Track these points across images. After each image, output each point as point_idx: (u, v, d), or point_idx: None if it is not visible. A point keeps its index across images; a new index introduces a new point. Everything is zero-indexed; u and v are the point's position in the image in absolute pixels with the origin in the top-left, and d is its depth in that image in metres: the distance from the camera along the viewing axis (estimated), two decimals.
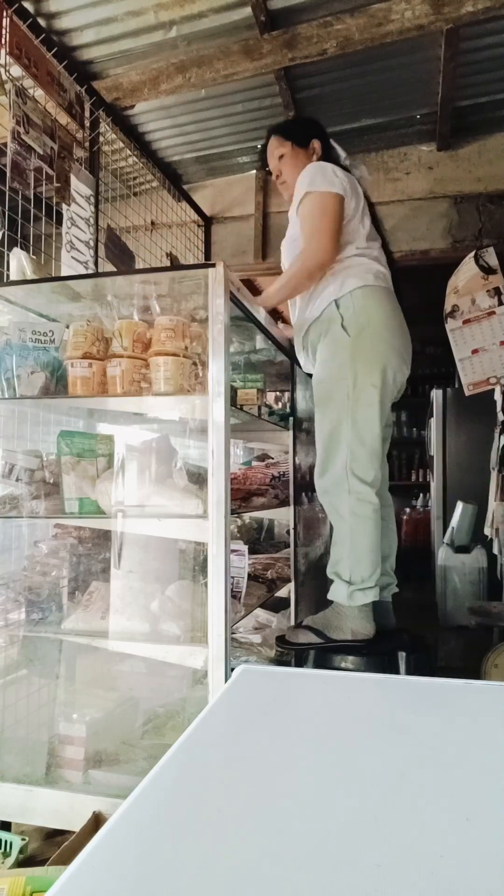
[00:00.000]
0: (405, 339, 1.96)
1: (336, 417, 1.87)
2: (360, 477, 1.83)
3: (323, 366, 1.94)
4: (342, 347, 1.87)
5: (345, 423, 1.85)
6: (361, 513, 1.83)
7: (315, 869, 0.59)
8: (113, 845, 0.63)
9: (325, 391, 1.91)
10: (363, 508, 1.83)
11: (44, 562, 1.94)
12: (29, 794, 1.67)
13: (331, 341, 1.90)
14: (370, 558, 1.83)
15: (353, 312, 1.87)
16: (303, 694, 1.07)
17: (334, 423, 1.88)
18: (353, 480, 1.83)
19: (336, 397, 1.87)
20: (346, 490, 1.84)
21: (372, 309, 1.87)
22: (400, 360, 1.91)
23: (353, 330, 1.86)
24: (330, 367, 1.90)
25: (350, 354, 1.85)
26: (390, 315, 1.91)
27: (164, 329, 1.67)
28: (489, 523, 3.32)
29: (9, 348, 1.75)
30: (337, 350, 1.88)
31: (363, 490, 1.83)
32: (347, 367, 1.85)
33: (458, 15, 2.48)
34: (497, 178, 3.64)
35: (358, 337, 1.86)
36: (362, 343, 1.86)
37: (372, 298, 1.88)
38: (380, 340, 1.86)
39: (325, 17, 2.59)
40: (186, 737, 0.86)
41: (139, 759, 1.75)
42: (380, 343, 1.86)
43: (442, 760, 0.81)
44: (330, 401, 1.89)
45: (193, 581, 1.78)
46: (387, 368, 1.87)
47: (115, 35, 2.64)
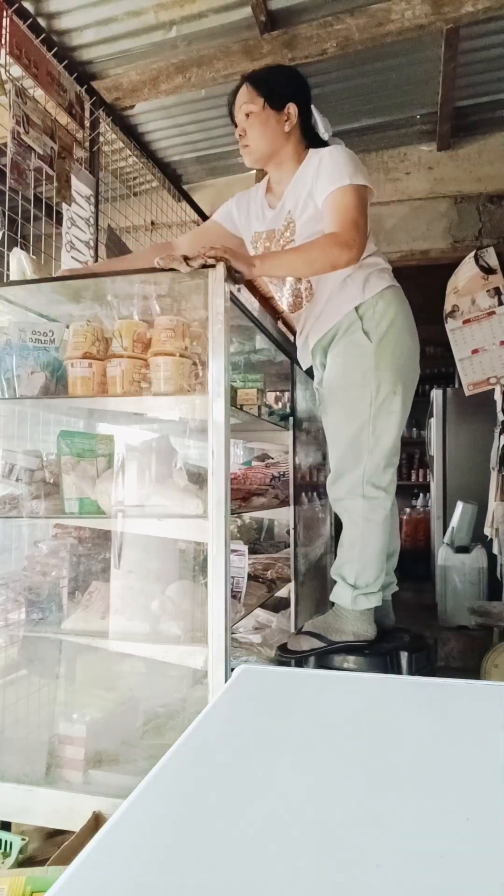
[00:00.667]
0: (417, 339, 1.90)
1: (357, 425, 1.82)
2: (377, 484, 1.81)
3: (341, 372, 1.86)
4: (364, 354, 1.80)
5: (365, 430, 1.80)
6: (375, 518, 1.81)
7: (315, 869, 0.59)
8: (113, 845, 0.63)
9: (345, 399, 1.85)
10: (377, 514, 1.81)
11: (44, 562, 1.94)
12: (29, 794, 1.67)
13: (351, 346, 1.83)
14: (377, 563, 1.82)
15: (373, 316, 1.80)
16: (303, 694, 1.07)
17: (355, 431, 1.82)
18: (368, 487, 1.81)
19: (358, 405, 1.81)
20: (361, 495, 1.82)
21: (392, 312, 1.81)
22: (416, 362, 1.88)
23: (375, 335, 1.79)
24: (351, 374, 1.83)
25: (374, 361, 1.79)
26: (408, 316, 1.86)
27: (164, 329, 1.67)
28: (489, 523, 3.33)
29: (9, 348, 1.75)
30: (358, 356, 1.81)
31: (379, 496, 1.81)
32: (371, 374, 1.78)
33: (458, 15, 2.48)
34: (497, 178, 3.64)
35: (380, 343, 1.79)
36: (385, 349, 1.79)
37: (393, 300, 1.82)
38: (400, 345, 1.81)
39: (325, 17, 2.59)
40: (186, 737, 0.86)
41: (139, 759, 1.75)
42: (400, 348, 1.81)
43: (442, 760, 0.81)
44: (351, 408, 1.83)
45: (193, 581, 1.78)
46: (408, 374, 1.83)
47: (115, 35, 2.64)
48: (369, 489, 1.81)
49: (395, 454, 1.85)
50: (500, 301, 3.49)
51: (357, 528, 1.83)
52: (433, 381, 5.81)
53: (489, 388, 3.53)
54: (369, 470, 1.81)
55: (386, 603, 2.01)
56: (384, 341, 1.80)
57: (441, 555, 3.89)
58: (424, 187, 3.75)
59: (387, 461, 1.82)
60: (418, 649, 1.85)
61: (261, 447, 3.05)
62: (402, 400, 1.82)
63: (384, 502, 1.82)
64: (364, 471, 1.81)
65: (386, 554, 1.86)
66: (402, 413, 1.83)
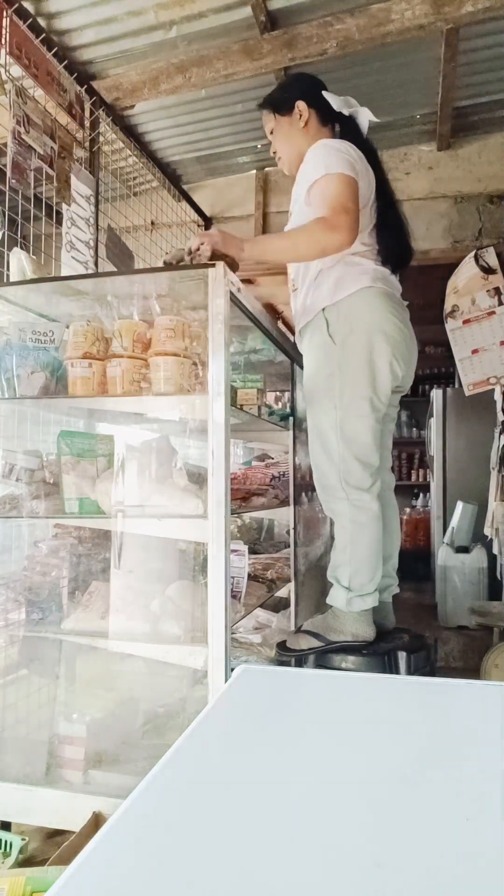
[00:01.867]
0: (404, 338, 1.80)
1: (326, 427, 1.80)
2: (357, 486, 1.78)
3: (310, 373, 1.85)
4: (328, 356, 1.77)
5: (333, 433, 1.78)
6: (360, 520, 1.79)
7: (315, 868, 0.59)
8: (113, 845, 0.63)
9: (315, 399, 1.84)
10: (361, 516, 1.79)
11: (44, 562, 1.94)
12: (29, 794, 1.67)
13: (316, 347, 1.81)
14: (369, 565, 1.80)
15: (338, 319, 1.76)
16: (303, 694, 1.07)
17: (325, 433, 1.81)
18: (349, 490, 1.79)
19: (325, 407, 1.79)
20: (344, 498, 1.80)
21: (360, 314, 1.75)
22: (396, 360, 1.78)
23: (339, 338, 1.75)
24: (317, 375, 1.81)
25: (337, 363, 1.76)
26: (384, 316, 1.76)
27: (164, 329, 1.67)
28: (489, 523, 3.33)
29: (9, 348, 1.75)
30: (323, 358, 1.79)
31: (361, 498, 1.79)
32: (335, 378, 1.76)
33: (458, 15, 2.48)
34: (497, 178, 3.64)
35: (344, 344, 1.75)
36: (348, 350, 1.75)
37: (363, 302, 1.75)
38: (366, 347, 1.74)
39: (325, 17, 2.59)
40: (186, 737, 0.86)
41: (139, 759, 1.75)
42: (366, 349, 1.74)
43: (442, 760, 0.81)
44: (319, 411, 1.82)
45: (193, 581, 1.78)
46: (377, 375, 1.76)
47: (115, 35, 2.64)
48: (351, 492, 1.79)
49: (373, 457, 1.79)
50: (500, 301, 3.49)
51: (346, 531, 1.82)
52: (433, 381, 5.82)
53: (489, 388, 3.53)
54: (345, 473, 1.79)
55: (385, 605, 2.00)
56: (348, 342, 1.75)
57: (441, 555, 3.88)
58: (424, 187, 3.75)
59: (363, 465, 1.78)
60: (417, 649, 1.85)
61: (261, 447, 3.05)
62: (373, 404, 1.76)
63: (369, 504, 1.79)
64: (339, 473, 1.79)
65: (381, 555, 1.84)
66: (376, 418, 1.78)
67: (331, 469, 1.82)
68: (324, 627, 1.85)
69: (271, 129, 1.94)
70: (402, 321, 1.81)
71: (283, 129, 1.91)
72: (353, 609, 1.80)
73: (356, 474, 1.78)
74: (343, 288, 1.76)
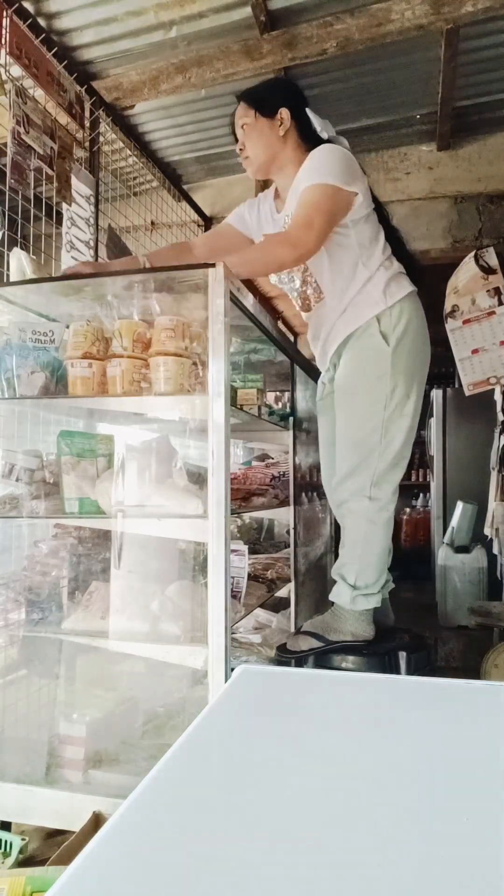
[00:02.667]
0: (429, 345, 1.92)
1: (370, 428, 1.83)
2: (383, 486, 1.82)
3: (356, 374, 1.86)
4: (381, 356, 1.81)
5: (377, 433, 1.82)
6: (378, 520, 1.83)
7: (315, 868, 0.59)
8: (113, 845, 0.63)
9: (357, 401, 1.86)
10: (381, 516, 1.83)
11: (44, 562, 1.94)
12: (29, 793, 1.67)
13: (367, 348, 1.83)
14: (377, 565, 1.83)
15: (391, 320, 1.81)
16: (303, 694, 1.07)
17: (366, 434, 1.83)
18: (375, 489, 1.82)
19: (372, 408, 1.82)
20: (368, 497, 1.83)
21: (409, 316, 1.82)
22: (427, 367, 1.90)
23: (393, 338, 1.81)
24: (366, 376, 1.83)
25: (391, 365, 1.80)
26: (423, 321, 1.88)
27: (164, 329, 1.67)
28: (489, 523, 3.33)
29: (9, 348, 1.75)
30: (375, 358, 1.82)
31: (384, 498, 1.83)
32: (387, 378, 1.80)
33: (458, 15, 2.48)
34: (497, 178, 3.64)
35: (398, 346, 1.81)
36: (402, 352, 1.81)
37: (411, 305, 1.84)
38: (415, 349, 1.83)
39: (325, 17, 2.59)
40: (186, 737, 0.86)
41: (139, 759, 1.75)
42: (415, 351, 1.83)
43: (442, 760, 0.81)
44: (363, 410, 1.84)
45: (193, 581, 1.78)
46: (421, 378, 1.85)
47: (115, 35, 2.64)
48: (377, 491, 1.82)
49: (404, 457, 1.86)
50: (500, 301, 3.49)
51: (360, 529, 1.84)
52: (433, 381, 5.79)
53: (489, 388, 3.53)
54: (378, 472, 1.82)
55: (384, 601, 2.01)
56: (402, 344, 1.81)
57: (441, 555, 3.88)
58: (424, 187, 3.75)
59: (397, 464, 1.84)
60: (417, 649, 1.85)
61: (261, 447, 3.05)
62: (415, 404, 1.84)
63: (388, 504, 1.84)
64: (373, 473, 1.83)
65: (388, 556, 1.87)
66: (414, 417, 1.84)
67: (364, 468, 1.84)
68: (323, 627, 1.85)
69: (243, 123, 1.88)
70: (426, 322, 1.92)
71: (262, 130, 1.87)
72: (356, 607, 1.81)
73: (389, 473, 1.83)
74: (394, 293, 1.83)
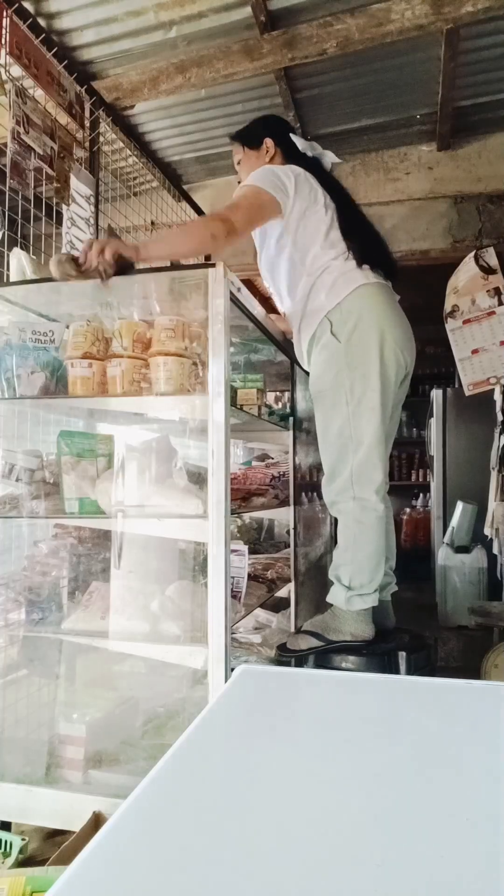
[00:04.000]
0: (403, 328, 1.88)
1: (338, 426, 1.84)
2: (365, 484, 1.82)
3: (318, 374, 1.89)
4: (335, 354, 1.82)
5: (346, 430, 1.82)
6: (365, 520, 1.82)
7: (315, 868, 0.59)
8: (113, 845, 0.63)
9: (324, 400, 1.88)
10: (367, 516, 1.82)
11: (44, 562, 1.94)
12: (29, 794, 1.67)
13: (322, 348, 1.86)
14: (371, 565, 1.82)
15: (341, 317, 1.82)
16: (303, 694, 1.07)
17: (336, 432, 1.84)
18: (357, 488, 1.82)
19: (336, 406, 1.83)
20: (352, 497, 1.83)
21: (359, 309, 1.81)
22: (399, 350, 1.84)
23: (343, 335, 1.81)
24: (325, 375, 1.86)
25: (345, 361, 1.81)
26: (382, 309, 1.83)
27: (164, 329, 1.67)
28: (489, 523, 3.33)
29: (9, 348, 1.75)
30: (330, 357, 1.83)
31: (368, 498, 1.82)
32: (344, 374, 1.81)
33: (458, 15, 2.48)
34: (497, 178, 3.64)
35: (349, 341, 1.81)
36: (354, 347, 1.80)
37: (360, 298, 1.82)
38: (370, 341, 1.80)
39: (325, 17, 2.58)
40: (186, 737, 0.86)
41: (139, 759, 1.75)
42: (372, 342, 1.80)
43: (442, 760, 0.81)
44: (330, 410, 1.86)
45: (193, 581, 1.78)
46: (385, 366, 1.81)
47: (115, 35, 2.63)
48: (359, 490, 1.82)
49: (383, 451, 1.83)
50: (500, 301, 3.49)
51: (350, 531, 1.84)
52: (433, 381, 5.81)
53: (489, 388, 3.53)
54: (356, 470, 1.82)
55: (385, 603, 2.01)
56: (353, 339, 1.80)
57: (441, 555, 3.88)
58: (424, 187, 3.75)
59: (374, 459, 1.81)
60: (417, 649, 1.85)
61: (261, 447, 3.05)
62: (381, 396, 1.81)
63: (375, 504, 1.82)
64: (351, 472, 1.82)
65: (383, 556, 1.86)
66: (383, 411, 1.81)
67: (342, 468, 1.84)
68: (323, 627, 1.85)
69: (238, 160, 2.11)
70: (398, 311, 1.91)
71: (251, 161, 2.06)
72: (352, 608, 1.81)
73: (367, 470, 1.82)
74: (340, 290, 1.83)
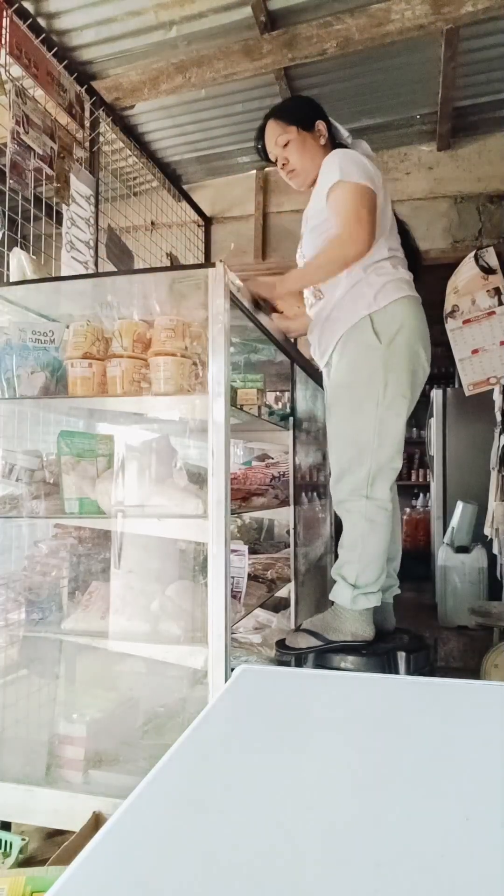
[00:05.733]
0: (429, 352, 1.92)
1: (362, 425, 1.82)
2: (381, 485, 1.82)
3: (348, 370, 1.86)
4: (373, 353, 1.81)
5: (370, 431, 1.81)
6: (377, 519, 1.82)
7: (315, 868, 0.59)
8: (113, 845, 0.63)
9: (351, 397, 1.85)
10: (379, 515, 1.82)
11: (44, 562, 1.94)
12: (29, 794, 1.67)
13: (360, 345, 1.84)
14: (377, 564, 1.82)
15: (384, 318, 1.82)
16: (303, 694, 1.07)
17: (359, 431, 1.83)
18: (372, 488, 1.82)
19: (364, 405, 1.82)
20: (365, 496, 1.82)
21: (403, 317, 1.82)
22: (424, 366, 1.89)
23: (386, 336, 1.81)
24: (358, 372, 1.84)
25: (382, 362, 1.80)
26: (422, 324, 1.87)
27: (164, 329, 1.67)
28: (489, 523, 3.33)
29: (9, 348, 1.75)
30: (365, 358, 1.82)
31: (382, 497, 1.82)
32: (379, 374, 1.80)
33: (458, 15, 2.48)
34: (497, 178, 3.64)
35: (391, 344, 1.80)
36: (395, 351, 1.80)
37: (405, 308, 1.83)
38: (410, 350, 1.82)
39: (325, 17, 2.59)
40: (186, 737, 0.86)
41: (139, 759, 1.75)
42: (410, 353, 1.82)
43: (442, 760, 0.81)
44: (356, 407, 1.84)
45: (193, 581, 1.78)
46: (416, 376, 1.85)
47: (115, 35, 2.64)
48: (374, 490, 1.82)
49: (401, 456, 1.86)
50: (500, 301, 3.49)
51: (358, 529, 1.83)
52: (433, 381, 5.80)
53: (489, 388, 3.53)
54: (373, 471, 1.82)
55: (387, 605, 2.00)
56: (395, 343, 1.81)
57: (441, 555, 3.88)
58: (424, 187, 3.75)
59: (392, 463, 1.83)
60: (417, 650, 1.85)
61: (261, 447, 3.04)
62: (409, 405, 1.84)
63: (386, 504, 1.83)
64: (368, 472, 1.82)
65: (387, 555, 1.86)
66: (407, 415, 1.85)
67: (359, 468, 1.83)
68: (323, 626, 1.85)
69: (286, 141, 1.92)
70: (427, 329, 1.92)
71: (306, 143, 1.93)
72: (356, 607, 1.81)
73: (385, 471, 1.83)
74: (388, 295, 1.83)
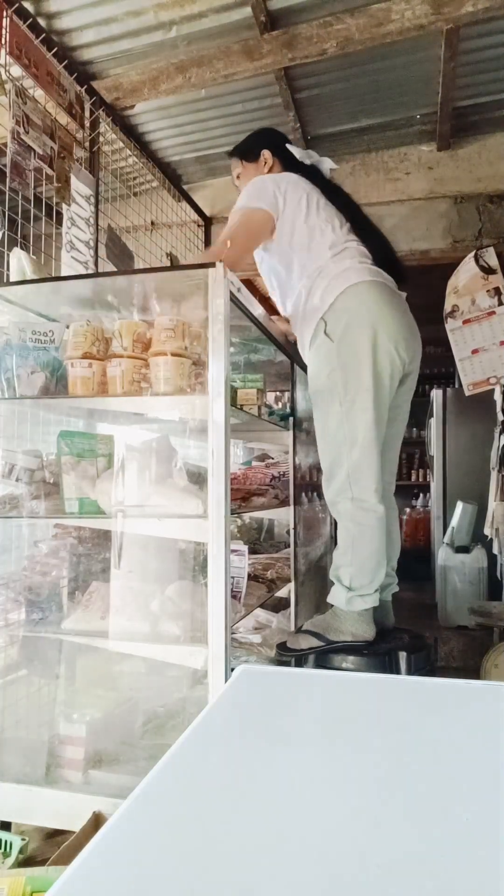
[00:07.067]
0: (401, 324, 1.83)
1: (333, 426, 1.84)
2: (362, 485, 1.81)
3: (313, 374, 1.90)
4: (328, 354, 1.82)
5: (341, 430, 1.81)
6: (364, 521, 1.81)
7: (315, 868, 0.59)
8: (113, 845, 0.63)
9: (320, 400, 1.88)
10: (365, 517, 1.81)
11: (44, 562, 1.94)
12: (29, 794, 1.67)
13: (317, 348, 1.86)
14: (371, 566, 1.81)
15: (333, 317, 1.82)
16: (303, 694, 1.07)
17: (332, 432, 1.84)
18: (355, 489, 1.81)
19: (331, 406, 1.83)
20: (349, 498, 1.82)
21: (352, 308, 1.79)
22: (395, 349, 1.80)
23: (336, 334, 1.81)
24: (320, 375, 1.86)
25: (337, 360, 1.80)
26: (377, 307, 1.80)
27: (163, 329, 1.67)
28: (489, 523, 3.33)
29: (9, 348, 1.75)
30: (324, 357, 1.84)
31: (365, 498, 1.81)
32: (337, 373, 1.81)
33: (458, 15, 2.48)
34: (497, 178, 3.64)
35: (341, 341, 1.80)
36: (345, 346, 1.80)
37: (352, 297, 1.80)
38: (363, 338, 1.78)
39: (325, 17, 2.59)
40: (186, 737, 0.86)
41: (139, 759, 1.75)
42: (363, 341, 1.78)
43: (442, 760, 0.81)
44: (325, 410, 1.86)
45: (193, 581, 1.78)
46: (378, 365, 1.79)
47: (115, 35, 2.64)
48: (357, 491, 1.81)
49: (377, 451, 1.81)
50: (500, 301, 3.49)
51: (348, 531, 1.83)
52: (433, 381, 5.81)
53: (489, 388, 3.53)
54: (351, 471, 1.81)
55: (385, 604, 2.00)
56: (345, 339, 1.80)
57: (441, 555, 3.88)
58: (424, 187, 3.75)
59: (369, 460, 1.80)
60: (417, 649, 1.85)
61: (261, 447, 3.05)
62: (375, 396, 1.79)
63: (373, 505, 1.81)
64: (347, 473, 1.81)
65: (384, 557, 1.85)
66: (376, 410, 1.80)
67: (338, 469, 1.84)
68: (324, 627, 1.85)
69: (237, 174, 2.15)
70: (397, 308, 1.86)
71: (249, 174, 2.09)
72: (353, 609, 1.81)
73: (363, 470, 1.81)
74: (334, 290, 1.83)
